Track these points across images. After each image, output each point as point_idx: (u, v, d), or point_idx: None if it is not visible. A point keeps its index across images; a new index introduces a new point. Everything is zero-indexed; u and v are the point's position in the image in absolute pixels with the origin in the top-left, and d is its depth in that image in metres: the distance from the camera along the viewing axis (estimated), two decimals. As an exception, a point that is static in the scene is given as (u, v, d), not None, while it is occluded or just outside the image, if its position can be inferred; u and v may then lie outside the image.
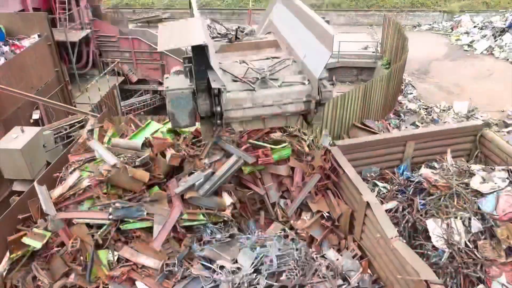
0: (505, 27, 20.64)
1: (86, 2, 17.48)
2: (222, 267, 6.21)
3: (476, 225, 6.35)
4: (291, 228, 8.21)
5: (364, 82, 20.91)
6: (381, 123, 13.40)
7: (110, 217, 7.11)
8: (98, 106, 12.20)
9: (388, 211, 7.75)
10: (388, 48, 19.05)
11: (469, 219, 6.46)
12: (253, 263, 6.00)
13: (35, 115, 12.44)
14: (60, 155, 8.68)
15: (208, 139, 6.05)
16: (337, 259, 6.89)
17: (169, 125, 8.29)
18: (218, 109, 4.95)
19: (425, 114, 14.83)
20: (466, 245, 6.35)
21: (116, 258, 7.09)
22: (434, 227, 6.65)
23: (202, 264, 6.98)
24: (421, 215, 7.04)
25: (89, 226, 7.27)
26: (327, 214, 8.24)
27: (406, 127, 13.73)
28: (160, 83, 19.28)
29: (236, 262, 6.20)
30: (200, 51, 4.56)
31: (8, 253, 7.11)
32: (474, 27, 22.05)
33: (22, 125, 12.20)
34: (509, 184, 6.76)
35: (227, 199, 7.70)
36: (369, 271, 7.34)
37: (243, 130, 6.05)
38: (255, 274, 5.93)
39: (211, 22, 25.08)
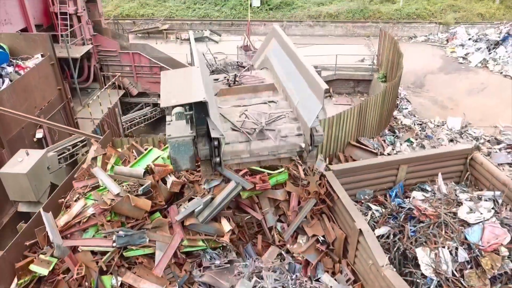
0: (499, 40, 21.00)
1: (88, 18, 17.79)
2: (220, 296, 6.51)
3: (462, 255, 6.68)
4: (288, 251, 8.55)
5: (361, 94, 21.37)
6: (376, 141, 13.72)
7: (114, 244, 7.42)
8: (100, 125, 12.48)
9: (380, 236, 8.08)
10: (384, 61, 19.38)
11: (456, 248, 6.79)
12: (250, 293, 6.31)
13: (39, 134, 12.73)
14: (64, 180, 8.96)
15: (208, 177, 6.38)
16: (331, 287, 7.19)
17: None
18: (218, 159, 5.29)
19: (420, 130, 15.17)
20: (453, 274, 6.68)
21: (119, 283, 7.41)
22: (423, 255, 6.98)
23: (202, 290, 7.33)
24: (411, 243, 7.36)
25: (93, 252, 7.59)
26: (322, 238, 8.57)
27: (401, 144, 14.06)
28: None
29: (234, 291, 6.51)
30: (200, 103, 4.88)
31: (16, 279, 7.41)
32: (469, 39, 22.40)
33: (26, 144, 12.56)
34: (494, 214, 7.09)
35: (226, 226, 8.02)
36: (361, 295, 7.67)
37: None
38: (252, 303, 6.24)
39: (210, 34, 25.29)
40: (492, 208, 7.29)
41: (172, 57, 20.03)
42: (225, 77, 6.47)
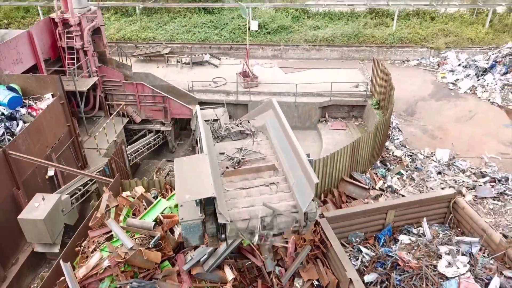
0: (487, 67, 21.90)
1: (93, 51, 18.56)
2: None
3: (440, 308, 7.51)
4: (285, 295, 9.36)
5: (355, 118, 22.21)
6: (368, 175, 14.55)
7: (128, 295, 8.21)
8: (108, 163, 13.25)
9: (368, 283, 8.90)
10: (377, 89, 20.23)
11: (435, 301, 7.61)
12: None
13: (50, 172, 13.49)
14: (78, 228, 9.70)
15: (214, 246, 7.17)
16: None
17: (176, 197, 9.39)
18: (223, 239, 6.14)
19: (410, 162, 16.00)
20: (432, 324, 7.50)
21: (133, 330, 8.18)
22: (406, 306, 7.79)
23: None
24: (396, 292, 8.18)
25: (109, 301, 8.37)
26: (317, 282, 9.39)
27: (392, 177, 14.89)
28: (163, 123, 20.43)
29: None
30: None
31: (39, 327, 8.18)
32: (459, 65, 23.29)
33: (38, 182, 13.34)
34: (469, 269, 7.92)
35: (229, 274, 8.81)
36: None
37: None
38: None
39: (210, 58, 26.16)
40: (468, 263, 8.13)
41: (173, 85, 20.85)
42: (230, 158, 7.27)
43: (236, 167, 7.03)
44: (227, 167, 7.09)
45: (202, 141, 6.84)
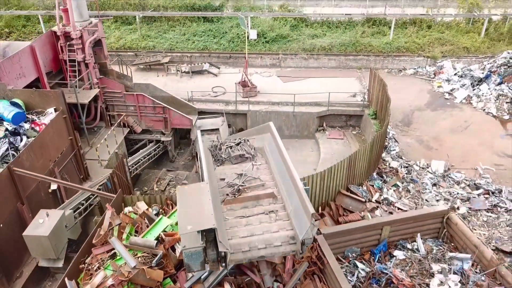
0: (483, 77, 22.23)
1: (94, 62, 18.82)
2: None
3: (432, 326, 7.81)
4: (283, 310, 9.65)
5: (353, 127, 22.52)
6: (365, 188, 14.85)
7: (131, 312, 8.49)
8: (110, 178, 13.52)
9: (364, 300, 9.20)
10: (374, 99, 20.55)
11: (427, 319, 7.91)
12: None
13: (53, 186, 13.76)
14: (82, 246, 9.97)
15: (214, 269, 7.45)
16: None
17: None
18: (224, 265, 6.45)
19: (406, 173, 16.31)
20: None
21: None
22: (399, 324, 8.10)
23: None
24: (390, 310, 8.48)
25: (113, 319, 8.65)
26: (314, 298, 9.68)
27: (388, 190, 15.20)
28: (163, 133, 20.71)
29: None
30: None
31: None
32: (455, 74, 23.62)
33: (42, 196, 13.61)
34: (460, 287, 8.24)
35: (229, 291, 9.10)
36: None
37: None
38: None
39: (209, 67, 26.51)
40: (459, 281, 8.43)
41: (173, 96, 21.12)
42: (230, 185, 7.55)
43: (236, 195, 7.33)
44: (227, 194, 7.38)
45: (203, 168, 7.14)
